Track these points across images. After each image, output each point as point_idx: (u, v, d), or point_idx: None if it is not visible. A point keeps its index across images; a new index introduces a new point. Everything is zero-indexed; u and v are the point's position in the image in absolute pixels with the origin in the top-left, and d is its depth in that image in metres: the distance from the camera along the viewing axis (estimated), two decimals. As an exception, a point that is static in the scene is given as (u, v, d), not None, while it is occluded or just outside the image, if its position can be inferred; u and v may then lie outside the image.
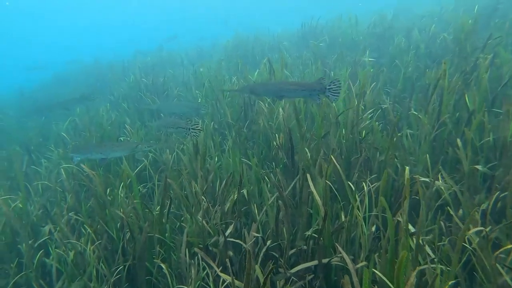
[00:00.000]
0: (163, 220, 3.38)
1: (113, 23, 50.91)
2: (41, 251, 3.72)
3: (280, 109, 4.69)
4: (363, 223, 2.77)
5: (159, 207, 3.99)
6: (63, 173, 4.72)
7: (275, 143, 4.55)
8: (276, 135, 4.71)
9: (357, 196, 2.77)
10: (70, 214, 4.08)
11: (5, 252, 3.90)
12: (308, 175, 3.22)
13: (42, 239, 3.95)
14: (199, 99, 6.96)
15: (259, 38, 14.24)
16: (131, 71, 10.85)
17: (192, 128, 4.95)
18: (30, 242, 3.73)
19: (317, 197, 2.92)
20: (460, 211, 2.75)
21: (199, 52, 14.67)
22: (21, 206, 4.07)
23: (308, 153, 3.94)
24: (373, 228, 2.89)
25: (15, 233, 3.85)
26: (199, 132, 4.90)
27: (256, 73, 7.42)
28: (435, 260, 2.32)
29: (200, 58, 13.67)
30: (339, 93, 3.89)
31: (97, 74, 12.80)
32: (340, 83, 3.87)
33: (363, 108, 4.63)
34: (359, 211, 2.82)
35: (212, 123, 5.76)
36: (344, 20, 11.83)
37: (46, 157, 6.07)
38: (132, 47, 16.88)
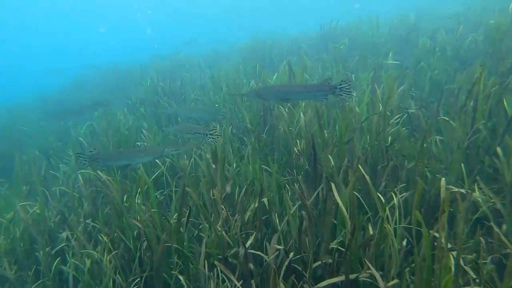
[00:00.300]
0: (181, 230, 3.29)
1: (131, 27, 51.92)
2: (58, 259, 3.70)
3: (301, 114, 4.56)
4: (394, 237, 2.60)
5: (176, 214, 3.93)
6: (80, 178, 4.71)
7: (295, 150, 4.42)
8: (297, 141, 4.58)
9: (387, 208, 2.61)
10: (87, 221, 4.05)
11: (24, 259, 3.90)
12: (332, 185, 3.07)
13: (60, 246, 3.93)
14: (217, 104, 6.90)
15: (277, 41, 14.15)
16: (148, 75, 10.93)
17: (209, 134, 4.87)
18: (47, 249, 3.71)
19: (343, 209, 2.77)
20: (504, 227, 2.55)
21: (216, 56, 14.69)
22: (39, 212, 4.06)
23: (331, 160, 3.79)
24: (404, 242, 2.72)
25: (33, 240, 3.84)
26: (217, 137, 4.81)
27: (274, 76, 7.31)
28: (477, 281, 2.14)
29: (217, 61, 13.67)
30: (351, 91, 3.83)
31: (115, 78, 12.97)
32: (350, 81, 3.82)
33: (388, 114, 4.45)
34: (388, 223, 2.66)
35: (230, 128, 5.68)
36: (364, 22, 11.60)
37: (64, 161, 6.12)
38: (149, 51, 17.08)
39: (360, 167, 3.17)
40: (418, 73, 6.74)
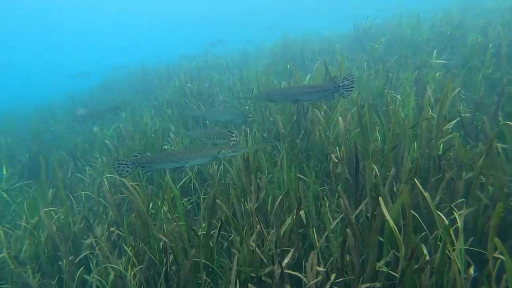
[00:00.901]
0: (210, 243, 3.08)
1: (159, 28, 53.11)
2: (81, 268, 3.59)
3: (339, 118, 4.25)
4: (459, 262, 2.26)
5: (205, 225, 3.73)
6: (106, 183, 4.62)
7: (334, 157, 4.11)
8: (336, 148, 4.28)
9: (451, 231, 2.28)
10: (111, 229, 3.93)
11: (47, 266, 3.82)
12: (380, 200, 2.76)
13: (83, 254, 3.83)
14: (247, 106, 6.68)
15: (307, 40, 13.85)
16: (176, 76, 10.91)
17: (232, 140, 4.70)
18: (70, 258, 3.61)
19: (395, 230, 2.46)
20: None
21: (245, 56, 14.55)
22: (63, 217, 3.98)
23: (376, 169, 3.46)
24: (471, 270, 2.37)
25: (56, 247, 3.75)
26: (237, 139, 4.66)
27: (308, 77, 7.02)
28: None
29: (246, 62, 13.52)
30: (353, 87, 3.92)
31: (142, 79, 13.09)
32: (353, 78, 3.88)
33: (434, 117, 4.06)
34: (449, 245, 2.32)
35: (261, 132, 5.44)
36: (403, 19, 11.08)
37: (91, 164, 6.10)
38: (177, 52, 17.21)
39: (416, 180, 2.84)
40: (468, 73, 6.24)
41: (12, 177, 6.39)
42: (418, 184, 2.77)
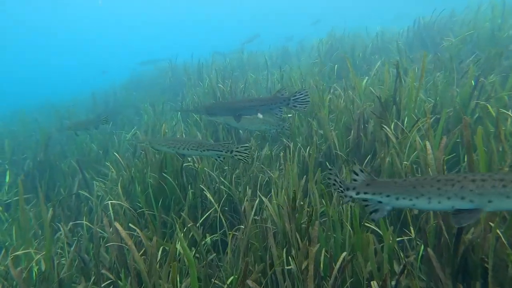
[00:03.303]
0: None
1: (192, 21, 53.27)
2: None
3: (427, 144, 3.14)
4: None
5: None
6: (111, 209, 3.80)
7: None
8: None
9: None
10: (108, 279, 3.06)
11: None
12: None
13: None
14: (290, 114, 5.65)
15: (357, 37, 12.62)
16: (207, 74, 10.10)
17: (236, 151, 3.72)
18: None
19: None
20: None
21: (285, 54, 13.54)
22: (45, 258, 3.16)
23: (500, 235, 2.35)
24: None
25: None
26: (247, 157, 3.70)
27: (364, 82, 5.89)
28: None
29: (286, 60, 12.50)
30: (308, 101, 3.88)
31: (171, 77, 12.42)
32: (306, 92, 3.87)
33: None
34: None
35: (308, 149, 4.41)
36: (483, 11, 9.63)
37: (101, 178, 5.33)
38: (211, 47, 16.50)
39: None
40: None
41: (15, 186, 5.77)
42: None
